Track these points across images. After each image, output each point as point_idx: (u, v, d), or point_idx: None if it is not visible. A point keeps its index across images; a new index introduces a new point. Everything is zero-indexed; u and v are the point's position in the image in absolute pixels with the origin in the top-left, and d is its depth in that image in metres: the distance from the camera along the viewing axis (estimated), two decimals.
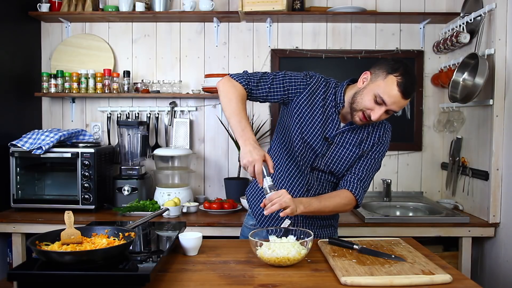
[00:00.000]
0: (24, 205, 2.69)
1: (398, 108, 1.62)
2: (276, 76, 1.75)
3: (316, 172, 1.78)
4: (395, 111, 1.63)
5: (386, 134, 1.80)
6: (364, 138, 1.76)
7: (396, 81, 1.58)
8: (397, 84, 1.58)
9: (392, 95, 1.58)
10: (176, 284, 1.33)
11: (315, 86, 1.74)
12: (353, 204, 1.74)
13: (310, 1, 3.07)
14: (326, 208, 1.69)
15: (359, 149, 1.75)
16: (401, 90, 1.57)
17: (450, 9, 2.97)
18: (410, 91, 1.59)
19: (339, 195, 1.72)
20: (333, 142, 1.74)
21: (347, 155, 1.75)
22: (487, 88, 2.43)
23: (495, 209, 2.45)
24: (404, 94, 1.58)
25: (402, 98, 1.59)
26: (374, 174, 1.80)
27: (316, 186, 1.80)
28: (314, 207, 1.65)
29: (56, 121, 3.16)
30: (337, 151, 1.75)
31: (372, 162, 1.77)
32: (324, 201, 1.69)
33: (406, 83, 1.58)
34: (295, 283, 1.33)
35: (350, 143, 1.75)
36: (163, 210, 1.97)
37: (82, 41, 3.10)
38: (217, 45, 3.12)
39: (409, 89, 1.58)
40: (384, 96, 1.59)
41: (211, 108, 3.13)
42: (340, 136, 1.74)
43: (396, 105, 1.60)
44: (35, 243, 1.35)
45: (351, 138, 1.75)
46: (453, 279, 1.34)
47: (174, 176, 2.93)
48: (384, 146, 1.79)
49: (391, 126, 1.84)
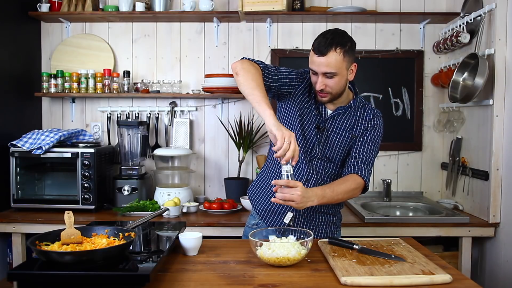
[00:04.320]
0: (24, 205, 2.69)
1: (325, 68, 1.67)
2: (282, 69, 1.84)
3: (314, 161, 1.83)
4: (327, 72, 1.67)
5: (377, 119, 1.85)
6: (353, 122, 1.83)
7: (312, 47, 1.70)
8: (312, 49, 1.69)
9: (312, 60, 1.70)
10: (176, 284, 1.33)
11: (307, 82, 1.85)
12: (361, 187, 1.77)
13: (310, 1, 3.07)
14: (339, 195, 1.71)
15: (350, 133, 1.82)
16: (314, 50, 1.68)
17: (450, 9, 2.97)
18: (321, 46, 1.65)
19: (348, 180, 1.75)
20: (325, 129, 1.81)
21: (340, 140, 1.81)
22: (487, 88, 2.43)
23: (495, 209, 2.45)
24: (317, 52, 1.66)
25: (318, 56, 1.66)
26: (374, 158, 1.84)
27: (315, 176, 1.83)
28: (327, 197, 1.67)
29: (56, 121, 3.16)
30: (330, 137, 1.82)
31: (371, 146, 1.81)
32: (336, 188, 1.71)
33: (317, 42, 1.68)
34: (295, 283, 1.33)
35: (340, 127, 1.82)
36: (163, 210, 1.97)
37: (82, 41, 3.10)
38: (217, 45, 3.12)
39: (320, 45, 1.66)
40: (311, 66, 1.72)
41: (211, 108, 3.13)
42: (330, 122, 1.82)
43: (321, 66, 1.67)
44: (35, 243, 1.35)
45: (340, 123, 1.82)
46: (453, 279, 1.35)
47: (174, 176, 2.93)
48: (377, 129, 1.84)
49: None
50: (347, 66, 1.71)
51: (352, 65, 1.74)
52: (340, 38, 1.67)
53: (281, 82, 1.80)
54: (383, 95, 3.08)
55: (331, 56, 1.65)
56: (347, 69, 1.71)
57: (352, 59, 1.72)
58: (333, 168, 1.85)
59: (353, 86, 1.87)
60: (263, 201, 1.92)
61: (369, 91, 3.07)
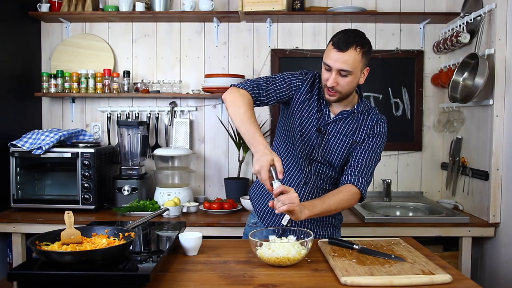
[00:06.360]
0: (24, 205, 2.69)
1: (342, 65, 1.64)
2: (277, 78, 1.81)
3: (314, 164, 1.82)
4: (343, 69, 1.65)
5: (381, 125, 1.81)
6: (355, 128, 1.80)
7: (331, 42, 1.67)
8: (332, 43, 1.66)
9: (329, 55, 1.66)
10: (176, 284, 1.33)
11: (311, 81, 1.82)
12: (357, 197, 1.71)
13: (310, 1, 3.07)
14: (331, 207, 1.65)
15: (351, 139, 1.79)
16: (333, 44, 1.65)
17: (450, 9, 2.97)
18: (342, 42, 1.63)
19: (341, 191, 1.70)
20: (326, 132, 1.79)
21: (340, 145, 1.79)
22: (487, 88, 2.43)
23: (495, 209, 2.45)
24: (336, 46, 1.64)
25: (338, 51, 1.64)
26: (375, 166, 1.79)
27: (314, 179, 1.82)
28: (318, 208, 1.61)
29: (56, 121, 3.16)
30: (331, 141, 1.79)
31: (370, 154, 1.76)
32: (327, 200, 1.65)
33: (337, 37, 1.65)
34: (295, 283, 1.33)
35: (341, 132, 1.79)
36: (163, 210, 1.97)
37: (82, 41, 3.10)
38: (217, 45, 3.12)
39: (341, 41, 1.63)
40: (326, 60, 1.68)
41: (211, 108, 3.13)
42: (332, 126, 1.79)
43: (338, 62, 1.64)
44: (35, 243, 1.35)
45: (342, 127, 1.79)
46: (453, 279, 1.35)
47: (174, 176, 2.93)
48: (380, 137, 1.80)
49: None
50: (362, 68, 1.69)
51: (365, 68, 1.72)
52: (361, 38, 1.66)
53: (278, 92, 1.77)
54: (383, 95, 3.08)
55: (350, 54, 1.63)
56: (361, 71, 1.70)
57: (367, 63, 1.71)
58: (333, 172, 1.83)
59: (359, 89, 1.84)
60: (261, 202, 1.93)
61: (369, 91, 3.07)
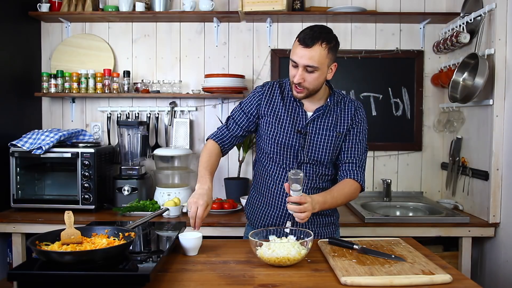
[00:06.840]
0: (24, 205, 2.68)
1: (307, 61, 1.65)
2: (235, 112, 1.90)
3: (303, 166, 1.82)
4: (309, 65, 1.66)
5: (360, 112, 1.85)
6: (335, 120, 1.82)
7: (298, 38, 1.68)
8: (297, 40, 1.68)
9: (295, 52, 1.68)
10: (176, 284, 1.33)
11: (270, 91, 1.85)
12: (358, 190, 1.82)
13: (310, 1, 3.07)
14: (339, 200, 1.75)
15: (334, 132, 1.80)
16: (299, 41, 1.66)
17: (450, 9, 2.97)
18: (308, 38, 1.64)
19: (346, 185, 1.79)
20: (307, 132, 1.80)
21: (324, 141, 1.80)
22: (487, 88, 2.43)
23: (495, 209, 2.45)
24: (302, 43, 1.65)
25: (303, 47, 1.65)
26: (365, 155, 1.87)
27: (307, 181, 1.83)
28: (328, 203, 1.70)
29: (56, 121, 3.16)
30: (314, 140, 1.80)
31: (360, 145, 1.83)
32: (336, 193, 1.74)
33: (303, 33, 1.67)
34: (295, 283, 1.33)
35: (323, 127, 1.80)
36: (163, 210, 1.97)
37: (82, 41, 3.10)
38: (217, 45, 3.12)
39: (306, 37, 1.64)
40: (292, 57, 1.69)
41: (211, 108, 3.13)
42: (311, 125, 1.80)
43: (303, 58, 1.65)
44: (35, 243, 1.36)
45: (321, 123, 1.81)
46: (453, 279, 1.35)
47: (174, 176, 2.93)
48: (362, 124, 1.85)
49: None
50: (328, 64, 1.70)
51: (333, 64, 1.73)
52: (327, 34, 1.67)
53: (241, 124, 1.87)
54: (383, 95, 3.08)
55: (316, 50, 1.64)
56: (328, 66, 1.71)
57: (334, 58, 1.72)
58: (325, 169, 1.84)
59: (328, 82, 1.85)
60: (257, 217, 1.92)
61: (369, 91, 3.06)
